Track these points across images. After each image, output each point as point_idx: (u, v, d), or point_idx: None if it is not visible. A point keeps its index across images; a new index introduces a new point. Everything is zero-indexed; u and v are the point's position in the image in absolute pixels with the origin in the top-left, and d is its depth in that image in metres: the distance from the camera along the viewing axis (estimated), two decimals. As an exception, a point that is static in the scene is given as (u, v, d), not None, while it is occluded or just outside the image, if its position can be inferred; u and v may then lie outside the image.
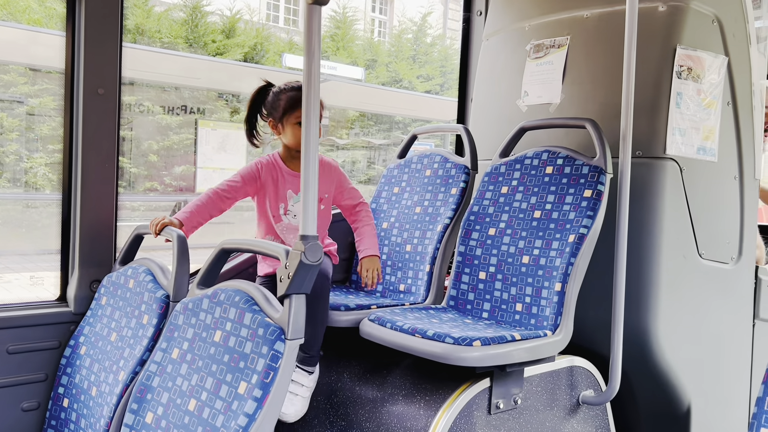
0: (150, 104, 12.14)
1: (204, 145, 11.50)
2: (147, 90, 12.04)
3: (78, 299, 2.08)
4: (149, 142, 12.20)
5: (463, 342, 1.73)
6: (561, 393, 2.07)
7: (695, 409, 2.28)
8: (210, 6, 13.27)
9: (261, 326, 1.36)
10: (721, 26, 2.26)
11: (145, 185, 12.32)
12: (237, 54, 13.34)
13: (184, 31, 12.91)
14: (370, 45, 16.63)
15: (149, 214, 11.79)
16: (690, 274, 2.24)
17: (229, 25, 13.61)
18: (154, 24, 12.38)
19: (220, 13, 13.58)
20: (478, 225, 2.26)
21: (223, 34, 13.50)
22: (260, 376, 1.31)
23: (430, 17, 17.83)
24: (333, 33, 15.82)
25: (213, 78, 11.99)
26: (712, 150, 2.29)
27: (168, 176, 12.40)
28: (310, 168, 1.34)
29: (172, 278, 1.77)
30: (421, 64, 17.11)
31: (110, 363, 1.80)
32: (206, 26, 13.23)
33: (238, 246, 1.61)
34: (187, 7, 12.99)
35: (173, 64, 11.24)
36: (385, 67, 16.44)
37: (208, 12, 13.24)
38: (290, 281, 1.33)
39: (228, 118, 12.94)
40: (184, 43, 12.83)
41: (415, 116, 15.70)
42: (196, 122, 11.67)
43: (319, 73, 1.35)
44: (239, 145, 11.81)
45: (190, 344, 1.53)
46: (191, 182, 11.86)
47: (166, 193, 12.29)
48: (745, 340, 2.44)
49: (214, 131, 11.68)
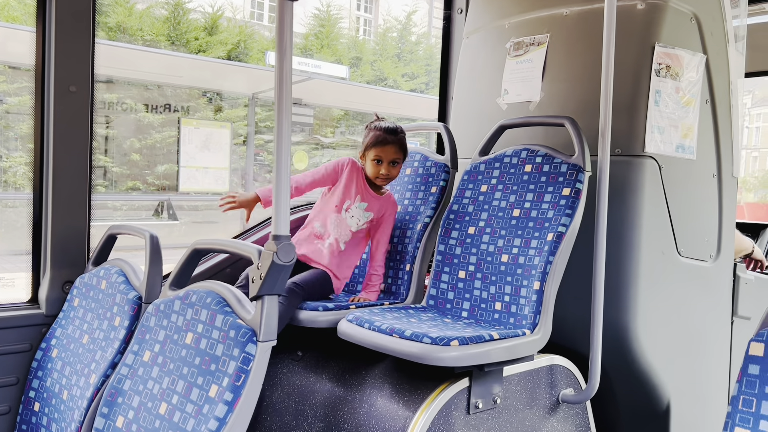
0: (132, 102, 12.02)
1: (187, 143, 11.36)
2: (129, 88, 11.91)
3: (50, 301, 2.03)
4: (131, 141, 12.08)
5: (440, 342, 1.72)
6: (541, 392, 2.06)
7: (675, 407, 2.28)
8: (192, 3, 13.13)
9: (232, 328, 1.33)
10: (700, 24, 2.27)
11: (128, 184, 12.20)
12: (220, 51, 13.22)
13: (166, 29, 12.78)
14: (354, 43, 16.57)
15: (132, 214, 11.67)
16: (669, 272, 2.24)
17: (212, 22, 13.50)
18: (136, 22, 12.24)
19: (202, 10, 13.45)
20: (457, 224, 2.24)
21: (205, 31, 13.38)
22: (231, 379, 1.28)
23: (415, 16, 17.81)
24: (318, 31, 15.75)
25: (195, 76, 11.88)
26: (690, 148, 2.29)
27: (151, 175, 12.28)
28: (283, 168, 1.32)
29: (144, 279, 1.74)
30: (406, 63, 17.10)
31: (82, 366, 1.76)
32: (188, 23, 13.10)
33: (211, 246, 1.58)
34: (168, 4, 12.86)
35: (154, 61, 11.13)
36: (370, 65, 16.39)
37: (189, 9, 13.11)
38: (262, 282, 1.30)
39: (211, 117, 12.80)
40: (166, 41, 12.71)
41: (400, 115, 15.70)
42: (179, 121, 11.56)
43: (291, 70, 1.33)
44: (222, 143, 11.70)
45: (161, 346, 1.50)
46: (174, 181, 11.76)
47: (149, 192, 12.17)
48: (723, 337, 2.45)
49: (197, 130, 11.55)
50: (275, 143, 1.32)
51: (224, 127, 12.05)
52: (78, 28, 2.02)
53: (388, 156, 2.32)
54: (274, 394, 2.26)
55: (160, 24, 12.75)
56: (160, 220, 11.37)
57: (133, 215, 11.69)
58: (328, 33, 15.75)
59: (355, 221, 2.35)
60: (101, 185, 11.95)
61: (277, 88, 1.32)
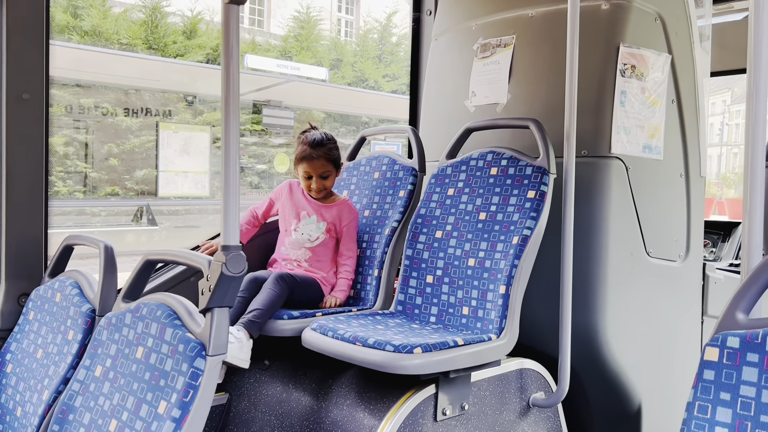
0: (110, 106, 11.86)
1: (165, 148, 11.26)
2: (105, 92, 11.75)
3: (5, 314, 1.98)
4: (109, 146, 11.91)
5: (403, 350, 1.69)
6: (511, 396, 2.04)
7: (646, 408, 2.27)
8: (170, 7, 12.97)
9: (181, 342, 1.29)
10: (664, 24, 2.26)
11: (106, 190, 12.03)
12: (198, 55, 13.09)
13: (143, 33, 12.64)
14: (335, 45, 16.50)
15: (111, 220, 11.51)
16: (638, 273, 2.23)
17: (190, 26, 13.35)
18: (112, 25, 12.09)
19: (181, 14, 13.30)
20: (425, 228, 2.22)
21: (184, 35, 13.23)
22: (180, 395, 1.24)
23: (396, 17, 17.81)
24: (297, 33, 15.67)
25: (174, 80, 11.74)
26: (657, 148, 2.28)
27: (130, 180, 12.14)
28: (231, 176, 1.28)
29: (98, 291, 1.69)
30: (387, 64, 17.04)
31: (35, 381, 1.71)
32: (166, 27, 12.94)
33: (163, 257, 1.54)
34: (146, 8, 12.71)
35: (131, 65, 10.99)
36: (351, 66, 16.33)
37: (167, 13, 12.96)
38: (211, 294, 1.26)
39: (190, 120, 12.65)
40: (143, 45, 12.56)
41: (381, 116, 15.63)
42: (157, 125, 11.43)
43: (239, 75, 1.29)
44: (202, 147, 11.57)
45: (113, 361, 1.46)
46: (154, 186, 11.63)
47: (128, 198, 12.02)
48: (694, 337, 2.44)
49: (176, 134, 11.42)
50: (222, 151, 1.28)
51: (203, 131, 11.95)
52: (30, 33, 1.96)
53: (316, 170, 2.31)
54: (241, 404, 2.21)
55: (137, 27, 12.59)
56: (140, 226, 11.22)
57: (112, 221, 11.54)
58: (307, 35, 15.67)
59: (306, 237, 2.35)
60: (79, 191, 11.78)
61: (224, 95, 1.28)
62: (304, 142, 2.33)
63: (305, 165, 2.31)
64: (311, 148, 2.30)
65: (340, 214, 2.36)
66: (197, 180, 11.58)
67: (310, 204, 2.38)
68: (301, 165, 2.32)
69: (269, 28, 16.53)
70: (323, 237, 2.35)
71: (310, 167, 2.31)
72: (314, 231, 2.34)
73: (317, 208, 2.37)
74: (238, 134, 1.31)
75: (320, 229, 2.34)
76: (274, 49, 15.25)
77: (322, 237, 2.34)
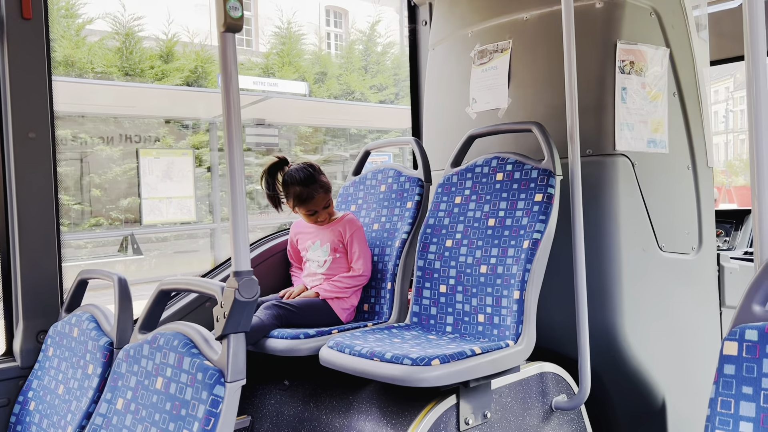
0: (87, 137, 11.66)
1: (147, 174, 10.82)
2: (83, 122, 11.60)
3: (24, 352, 1.99)
4: (90, 176, 11.72)
5: (421, 362, 1.68)
6: (533, 401, 2.03)
7: (670, 403, 2.25)
8: (143, 32, 12.61)
9: (200, 370, 1.30)
10: (660, 18, 2.26)
11: (90, 221, 11.78)
12: (176, 79, 12.78)
13: (119, 60, 12.45)
14: (318, 58, 16.14)
15: (99, 251, 11.25)
16: (652, 269, 2.22)
17: (166, 50, 13.04)
18: (85, 54, 11.90)
19: (156, 37, 12.98)
20: (435, 237, 2.22)
21: (161, 59, 12.93)
22: (201, 423, 1.24)
23: (380, 26, 17.59)
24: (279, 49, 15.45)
25: (152, 105, 11.33)
26: (662, 142, 2.28)
27: (114, 210, 11.93)
28: (238, 202, 1.29)
29: (115, 324, 1.70)
30: (373, 74, 16.70)
31: (58, 418, 1.72)
32: (142, 52, 12.63)
33: (176, 286, 1.55)
34: (119, 34, 12.43)
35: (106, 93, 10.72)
36: (336, 79, 15.98)
37: (142, 38, 12.63)
38: (226, 320, 1.27)
39: (172, 145, 12.31)
40: (119, 72, 12.37)
41: (370, 127, 15.40)
42: (137, 152, 11.07)
43: (239, 102, 1.30)
44: (185, 171, 11.12)
45: (133, 393, 1.47)
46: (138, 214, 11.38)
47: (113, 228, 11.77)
48: (713, 329, 2.42)
49: (158, 159, 11.01)
50: (228, 176, 1.29)
51: (186, 155, 11.57)
52: (33, 72, 1.99)
53: (320, 204, 2.32)
54: (264, 426, 2.22)
55: (111, 55, 12.29)
56: (126, 256, 11.01)
57: (99, 252, 11.26)
58: (289, 50, 15.25)
59: (316, 264, 2.37)
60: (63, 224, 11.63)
61: (226, 121, 1.29)
62: (287, 189, 2.31)
63: (302, 209, 2.33)
64: (306, 187, 2.29)
65: (342, 230, 2.35)
66: (182, 205, 11.19)
67: (311, 232, 2.40)
68: (303, 206, 2.32)
69: (257, 47, 16.43)
70: (331, 258, 2.35)
71: (308, 207, 2.32)
72: (321, 255, 2.35)
73: (317, 232, 2.38)
74: (242, 159, 1.32)
75: (325, 252, 2.35)
76: (256, 66, 14.94)
77: (330, 259, 2.35)
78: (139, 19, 12.62)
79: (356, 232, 2.35)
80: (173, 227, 11.44)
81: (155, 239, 11.81)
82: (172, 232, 11.76)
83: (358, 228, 2.36)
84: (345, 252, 2.36)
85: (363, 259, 2.33)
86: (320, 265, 2.35)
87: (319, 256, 2.36)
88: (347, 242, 2.34)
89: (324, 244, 2.36)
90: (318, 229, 2.39)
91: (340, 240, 2.35)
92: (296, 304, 2.20)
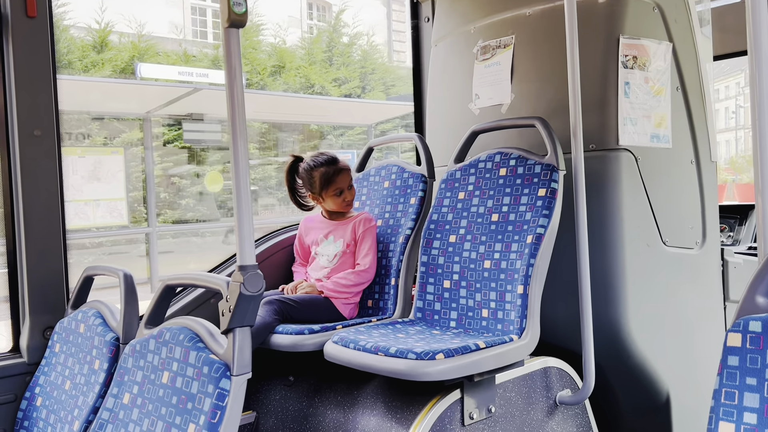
0: None
1: (71, 175, 9.50)
2: None
3: (31, 349, 2.00)
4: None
5: (425, 356, 1.69)
6: (537, 396, 2.04)
7: (674, 397, 2.25)
8: (69, 20, 11.50)
9: (206, 364, 1.31)
10: (663, 13, 2.26)
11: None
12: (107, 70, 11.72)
13: None
14: (275, 50, 15.07)
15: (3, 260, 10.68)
16: (656, 263, 2.22)
17: (99, 39, 11.99)
18: None
19: (87, 26, 11.94)
20: (438, 233, 2.22)
21: (94, 50, 11.94)
22: (207, 417, 1.25)
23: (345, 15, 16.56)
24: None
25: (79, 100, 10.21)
26: (665, 137, 2.28)
27: None
28: (243, 196, 1.30)
29: (121, 319, 1.71)
30: (337, 67, 15.85)
31: (65, 413, 1.73)
32: (70, 42, 11.57)
33: (182, 281, 1.56)
34: None
35: None
36: (295, 72, 14.96)
37: (68, 26, 11.58)
38: (231, 314, 1.28)
39: (101, 143, 11.24)
40: None
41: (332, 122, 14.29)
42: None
43: (243, 96, 1.31)
44: (115, 170, 9.94)
45: (139, 387, 1.48)
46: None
47: None
48: (717, 323, 2.42)
49: (83, 158, 9.80)
50: (233, 173, 1.30)
51: (116, 153, 10.40)
52: (38, 70, 2.00)
53: (346, 182, 2.36)
54: (269, 422, 2.22)
55: None
56: None
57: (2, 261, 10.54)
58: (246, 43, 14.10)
59: (325, 258, 2.38)
60: None
61: (231, 117, 1.30)
62: (320, 165, 2.35)
63: (336, 183, 2.35)
64: (329, 166, 2.35)
65: (356, 227, 2.37)
66: (112, 207, 9.90)
67: (325, 227, 2.42)
68: (332, 186, 2.35)
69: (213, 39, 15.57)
70: (341, 253, 2.36)
71: (342, 182, 2.35)
72: (332, 250, 2.36)
73: (333, 227, 2.40)
74: (247, 156, 1.32)
75: (338, 247, 2.35)
76: (205, 57, 13.85)
77: (340, 253, 2.36)
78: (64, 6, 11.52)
79: (370, 230, 2.38)
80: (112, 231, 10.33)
81: (89, 245, 10.76)
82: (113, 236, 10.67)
83: (373, 226, 2.39)
84: (356, 248, 2.38)
85: (371, 256, 2.34)
86: (330, 260, 2.36)
87: (330, 251, 2.37)
88: (359, 237, 2.36)
89: (338, 239, 2.37)
90: (333, 224, 2.40)
91: (353, 236, 2.37)
92: (297, 299, 2.21)
